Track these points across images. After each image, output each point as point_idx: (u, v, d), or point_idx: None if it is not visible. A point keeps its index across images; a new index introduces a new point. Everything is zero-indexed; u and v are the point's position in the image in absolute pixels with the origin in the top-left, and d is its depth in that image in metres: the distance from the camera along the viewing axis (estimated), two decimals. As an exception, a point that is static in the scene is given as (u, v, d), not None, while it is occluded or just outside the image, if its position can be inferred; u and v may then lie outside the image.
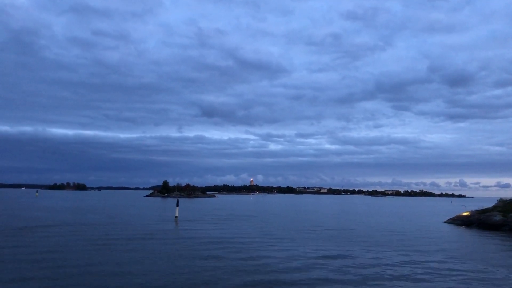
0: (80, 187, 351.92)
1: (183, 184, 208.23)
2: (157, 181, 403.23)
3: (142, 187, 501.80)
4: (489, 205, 53.57)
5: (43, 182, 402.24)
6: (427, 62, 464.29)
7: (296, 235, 36.40)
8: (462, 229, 44.69)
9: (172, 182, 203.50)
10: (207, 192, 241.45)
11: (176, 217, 51.92)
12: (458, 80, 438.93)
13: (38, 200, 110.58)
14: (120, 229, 38.55)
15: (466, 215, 49.65)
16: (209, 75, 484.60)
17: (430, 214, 79.51)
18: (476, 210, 50.42)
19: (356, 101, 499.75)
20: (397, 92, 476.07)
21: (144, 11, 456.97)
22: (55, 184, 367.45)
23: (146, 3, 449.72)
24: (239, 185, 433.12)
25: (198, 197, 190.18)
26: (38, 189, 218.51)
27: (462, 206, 68.29)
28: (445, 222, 53.72)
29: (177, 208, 53.12)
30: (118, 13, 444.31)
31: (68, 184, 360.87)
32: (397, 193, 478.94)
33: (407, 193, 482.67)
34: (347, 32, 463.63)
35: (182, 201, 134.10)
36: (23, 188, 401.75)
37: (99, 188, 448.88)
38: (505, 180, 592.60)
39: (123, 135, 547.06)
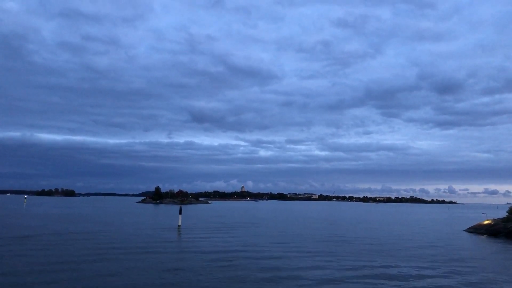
0: (69, 193, 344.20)
1: (175, 190, 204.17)
2: (146, 188, 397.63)
3: (131, 193, 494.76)
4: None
5: (30, 188, 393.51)
6: (416, 70, 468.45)
7: (318, 245, 33.61)
8: (488, 239, 41.95)
9: (161, 188, 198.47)
10: (200, 199, 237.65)
11: (179, 225, 48.56)
12: (447, 87, 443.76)
13: (27, 207, 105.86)
14: (123, 238, 35.42)
15: (489, 224, 47.09)
16: (200, 80, 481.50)
17: (442, 222, 76.99)
18: (500, 218, 47.92)
19: (345, 108, 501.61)
20: (386, 99, 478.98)
21: (134, 16, 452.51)
22: (43, 190, 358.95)
23: (136, 8, 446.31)
24: (230, 191, 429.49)
25: (191, 203, 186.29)
26: (26, 195, 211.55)
27: (482, 214, 65.96)
28: (465, 230, 51.11)
29: (180, 216, 49.81)
30: (108, 18, 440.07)
31: (56, 190, 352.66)
32: (388, 200, 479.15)
33: (398, 200, 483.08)
34: (337, 39, 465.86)
35: (177, 208, 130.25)
36: (9, 194, 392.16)
37: (87, 194, 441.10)
38: (492, 186, 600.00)
39: (112, 140, 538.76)
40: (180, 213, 49.86)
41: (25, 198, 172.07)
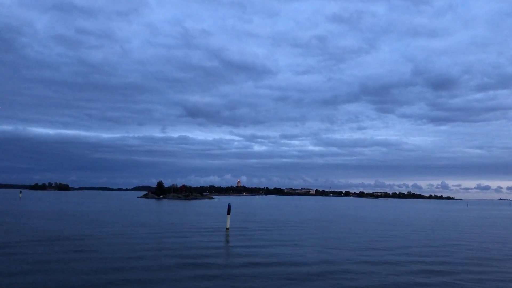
0: (63, 187, 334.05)
1: (177, 185, 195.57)
2: (139, 182, 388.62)
3: (124, 188, 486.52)
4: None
5: (23, 182, 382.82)
6: (411, 66, 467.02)
7: (438, 253, 25.73)
8: None
9: (156, 183, 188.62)
10: (203, 193, 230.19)
11: (227, 228, 40.62)
12: (441, 83, 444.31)
13: (27, 203, 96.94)
14: (178, 245, 27.37)
15: None
16: (194, 75, 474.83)
17: (497, 221, 69.93)
18: None
19: (340, 103, 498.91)
20: (381, 95, 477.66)
21: (129, 10, 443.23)
22: (36, 184, 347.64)
23: (131, 2, 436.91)
24: (224, 186, 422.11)
25: (196, 199, 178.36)
26: (21, 190, 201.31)
27: None
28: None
29: (229, 216, 41.68)
30: (103, 11, 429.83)
31: (50, 184, 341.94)
32: (386, 195, 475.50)
33: (396, 195, 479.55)
34: (332, 34, 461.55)
35: (181, 204, 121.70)
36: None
37: (81, 188, 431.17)
38: (485, 182, 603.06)
39: (105, 135, 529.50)
40: (229, 213, 41.54)
41: (20, 193, 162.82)
